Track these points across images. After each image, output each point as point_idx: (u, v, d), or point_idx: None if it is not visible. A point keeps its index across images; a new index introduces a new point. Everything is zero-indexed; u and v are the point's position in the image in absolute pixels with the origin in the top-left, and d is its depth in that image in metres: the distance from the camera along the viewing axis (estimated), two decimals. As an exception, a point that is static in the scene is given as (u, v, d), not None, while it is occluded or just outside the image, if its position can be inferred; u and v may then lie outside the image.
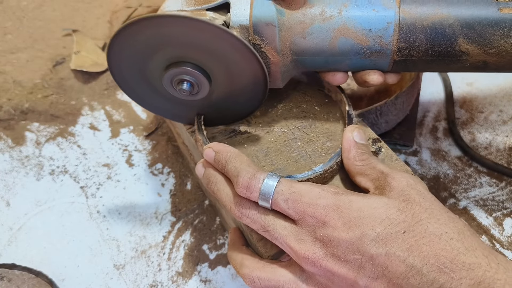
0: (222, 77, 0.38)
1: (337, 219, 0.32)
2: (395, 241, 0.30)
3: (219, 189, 0.36)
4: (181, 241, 0.49)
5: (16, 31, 0.70)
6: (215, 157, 0.36)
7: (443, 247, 0.29)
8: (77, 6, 0.74)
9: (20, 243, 0.49)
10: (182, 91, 0.37)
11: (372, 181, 0.35)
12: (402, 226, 0.30)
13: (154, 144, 0.57)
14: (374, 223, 0.31)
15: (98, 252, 0.49)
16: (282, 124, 0.44)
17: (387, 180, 0.34)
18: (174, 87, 0.38)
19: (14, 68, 0.66)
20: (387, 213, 0.31)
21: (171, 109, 0.42)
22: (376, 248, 0.30)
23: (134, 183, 0.54)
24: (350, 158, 0.37)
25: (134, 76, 0.39)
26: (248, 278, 0.35)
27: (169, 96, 0.40)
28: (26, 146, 0.58)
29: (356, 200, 0.32)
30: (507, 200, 0.51)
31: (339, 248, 0.31)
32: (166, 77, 0.37)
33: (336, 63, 0.39)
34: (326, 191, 0.33)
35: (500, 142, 0.56)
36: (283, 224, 0.34)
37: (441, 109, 0.60)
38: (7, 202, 0.53)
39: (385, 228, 0.30)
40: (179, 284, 0.46)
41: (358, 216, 0.31)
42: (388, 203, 0.32)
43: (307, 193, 0.33)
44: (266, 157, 0.41)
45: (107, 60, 0.37)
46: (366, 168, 0.36)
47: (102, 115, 0.60)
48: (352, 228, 0.31)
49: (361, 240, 0.31)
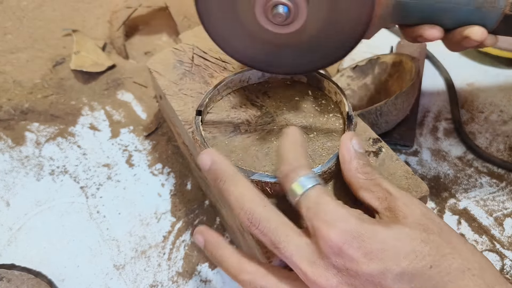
0: (321, 5, 0.35)
1: (356, 248, 0.29)
2: (421, 277, 0.28)
3: (228, 189, 0.33)
4: (181, 241, 0.49)
5: (16, 31, 0.70)
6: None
7: (467, 283, 0.28)
8: (77, 6, 0.74)
9: (20, 243, 0.49)
10: (277, 16, 0.34)
11: (379, 200, 0.33)
12: (428, 260, 0.29)
13: (154, 144, 0.57)
14: (399, 256, 0.28)
15: (98, 252, 0.49)
16: (282, 124, 0.44)
17: (398, 204, 0.32)
18: (268, 14, 0.34)
19: (14, 68, 0.66)
20: (411, 245, 0.29)
21: (255, 51, 0.39)
22: (400, 284, 0.28)
23: (134, 183, 0.54)
24: (351, 170, 0.34)
25: (221, 8, 0.36)
26: (249, 285, 0.32)
27: (256, 31, 0.36)
28: (26, 146, 0.58)
29: (380, 230, 0.29)
30: (508, 200, 0.51)
31: (357, 279, 0.29)
32: (259, 2, 0.34)
33: (441, 11, 0.36)
34: (351, 215, 0.30)
35: (501, 142, 0.56)
36: (297, 242, 0.31)
37: (442, 109, 0.60)
38: (7, 202, 0.53)
39: (410, 263, 0.28)
40: (179, 284, 0.46)
41: (381, 248, 0.29)
42: (410, 234, 0.29)
43: (330, 211, 0.30)
44: (266, 157, 0.41)
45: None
46: (370, 183, 0.33)
47: (102, 115, 0.60)
48: (373, 261, 0.28)
49: (384, 274, 0.28)
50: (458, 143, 0.56)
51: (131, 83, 0.64)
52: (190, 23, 0.67)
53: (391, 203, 0.32)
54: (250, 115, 0.45)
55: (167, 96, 0.47)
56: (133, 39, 0.69)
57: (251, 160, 0.41)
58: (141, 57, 0.67)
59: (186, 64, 0.50)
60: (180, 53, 0.51)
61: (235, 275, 0.33)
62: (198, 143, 0.41)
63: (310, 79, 0.46)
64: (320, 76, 0.45)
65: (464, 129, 0.56)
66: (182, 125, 0.45)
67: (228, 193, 0.33)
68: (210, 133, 0.44)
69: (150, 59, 0.51)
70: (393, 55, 0.57)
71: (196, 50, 0.51)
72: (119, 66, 0.65)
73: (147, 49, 0.68)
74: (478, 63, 0.66)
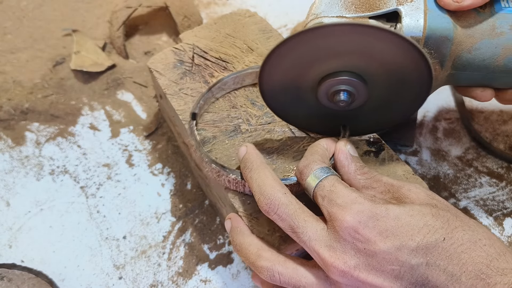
0: (380, 86, 0.37)
1: (371, 227, 0.30)
2: (436, 249, 0.29)
3: (252, 177, 0.35)
4: (181, 241, 0.49)
5: (16, 31, 0.70)
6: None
7: (479, 253, 0.29)
8: (77, 6, 0.74)
9: (20, 243, 0.49)
10: (340, 102, 0.36)
11: (382, 193, 0.34)
12: (440, 233, 0.30)
13: (154, 144, 0.57)
14: (413, 231, 0.30)
15: (98, 252, 0.49)
16: (282, 124, 0.44)
17: (402, 191, 0.33)
18: (330, 98, 0.37)
19: (14, 68, 0.66)
20: (424, 220, 0.30)
21: (317, 123, 0.41)
22: (417, 259, 0.29)
23: (134, 183, 0.54)
24: (351, 172, 0.36)
25: (284, 92, 0.38)
26: (267, 271, 0.33)
27: (317, 109, 0.39)
28: (26, 146, 0.58)
29: (392, 208, 0.31)
30: (507, 200, 0.51)
31: (374, 258, 0.30)
32: (322, 89, 0.36)
33: (493, 79, 0.38)
34: (363, 197, 0.32)
35: (501, 142, 0.56)
36: (314, 227, 0.32)
37: (441, 109, 0.60)
38: (7, 202, 0.53)
39: (424, 237, 0.30)
40: (179, 284, 0.46)
41: (395, 225, 0.30)
42: (421, 210, 0.31)
43: (343, 196, 0.32)
44: (267, 157, 0.41)
45: (259, 75, 0.36)
46: (371, 181, 0.35)
47: (102, 115, 0.60)
48: (389, 238, 0.30)
49: (400, 250, 0.29)
50: (457, 143, 0.56)
51: (131, 83, 0.64)
52: (190, 23, 0.67)
53: (395, 193, 0.33)
54: (251, 115, 0.45)
55: (168, 95, 0.47)
56: (133, 39, 0.69)
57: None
58: (141, 57, 0.67)
59: (187, 64, 0.50)
60: (181, 52, 0.51)
61: (253, 262, 0.34)
62: (193, 149, 0.41)
63: None
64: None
65: (473, 126, 0.56)
66: (183, 125, 0.45)
67: (251, 181, 0.35)
68: (211, 132, 0.44)
69: (151, 58, 0.51)
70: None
71: (196, 50, 0.51)
72: (119, 66, 0.65)
73: (147, 49, 0.68)
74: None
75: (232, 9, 0.71)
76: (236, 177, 0.38)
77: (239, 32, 0.53)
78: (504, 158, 0.54)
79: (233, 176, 0.38)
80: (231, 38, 0.52)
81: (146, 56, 0.67)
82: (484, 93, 0.40)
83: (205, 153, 0.40)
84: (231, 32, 0.53)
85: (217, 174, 0.39)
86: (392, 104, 0.39)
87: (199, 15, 0.70)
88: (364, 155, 0.42)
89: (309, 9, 0.40)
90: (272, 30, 0.53)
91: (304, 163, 0.35)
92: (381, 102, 0.39)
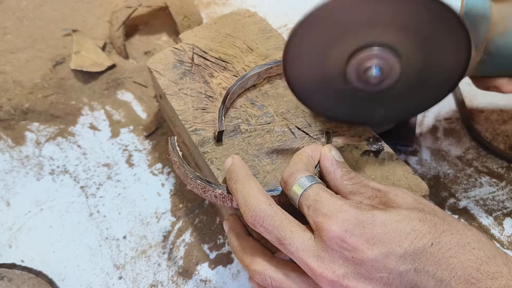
0: (413, 64, 0.35)
1: (358, 235, 0.30)
2: (424, 255, 0.29)
3: (237, 189, 0.35)
4: (181, 241, 0.49)
5: (16, 31, 0.70)
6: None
7: (468, 257, 0.29)
8: (77, 6, 0.74)
9: (20, 243, 0.49)
10: (371, 78, 0.34)
11: (369, 198, 0.34)
12: (428, 238, 0.29)
13: (154, 144, 0.57)
14: (400, 237, 0.29)
15: (98, 252, 0.49)
16: (282, 124, 0.44)
17: (389, 196, 0.33)
18: (360, 76, 0.34)
19: (14, 68, 0.66)
20: (410, 225, 0.30)
21: (344, 108, 0.39)
22: (405, 265, 0.29)
23: (134, 183, 0.54)
24: (337, 178, 0.35)
25: (311, 75, 0.36)
26: (259, 275, 0.33)
27: (345, 92, 0.37)
28: (26, 146, 0.58)
29: (379, 215, 0.30)
30: (507, 200, 0.51)
31: (362, 266, 0.29)
32: (352, 66, 0.34)
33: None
34: (349, 204, 0.31)
35: (501, 142, 0.56)
36: (301, 238, 0.31)
37: (441, 109, 0.60)
38: (7, 202, 0.53)
39: (411, 243, 0.29)
40: (179, 284, 0.46)
41: (382, 231, 0.29)
42: (408, 214, 0.30)
43: (328, 204, 0.31)
44: (266, 157, 0.41)
45: (283, 57, 0.34)
46: (358, 186, 0.34)
47: (102, 115, 0.60)
48: (376, 245, 0.29)
49: (388, 257, 0.29)
50: (457, 143, 0.56)
51: (131, 83, 0.64)
52: (190, 23, 0.67)
53: (382, 198, 0.33)
54: (250, 115, 0.45)
55: (167, 95, 0.47)
56: (133, 39, 0.69)
57: (251, 160, 0.41)
58: (141, 57, 0.67)
59: (186, 64, 0.50)
60: (180, 52, 0.51)
61: (247, 264, 0.34)
62: (177, 165, 0.39)
63: None
64: None
65: (474, 126, 0.56)
66: (182, 125, 0.45)
67: (236, 192, 0.35)
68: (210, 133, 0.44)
69: (150, 58, 0.51)
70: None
71: (196, 50, 0.51)
72: (119, 66, 0.65)
73: (147, 49, 0.68)
74: (478, 63, 0.66)
75: (232, 9, 0.71)
76: (223, 191, 0.37)
77: (239, 32, 0.53)
78: (505, 157, 0.54)
79: (219, 191, 0.37)
80: (231, 38, 0.52)
81: (146, 56, 0.67)
82: (511, 82, 0.38)
83: (189, 169, 0.38)
84: (231, 32, 0.53)
85: (203, 190, 0.38)
86: (423, 87, 0.37)
87: (199, 15, 0.70)
88: (364, 155, 0.42)
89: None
90: (272, 30, 0.53)
91: (288, 173, 0.34)
92: (412, 84, 0.36)
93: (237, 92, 0.46)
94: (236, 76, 0.48)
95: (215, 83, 0.48)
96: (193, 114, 0.45)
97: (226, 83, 0.47)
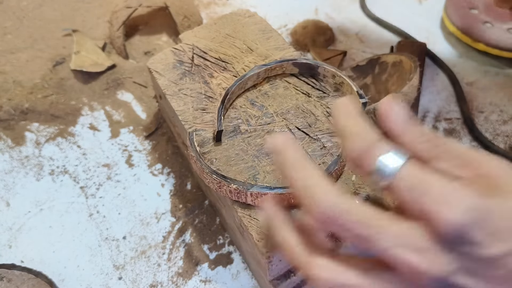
0: None
1: (479, 228, 0.24)
2: None
3: (295, 177, 0.27)
4: (181, 241, 0.49)
5: (16, 31, 0.70)
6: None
7: None
8: (77, 6, 0.74)
9: (20, 243, 0.49)
10: None
11: (457, 167, 0.27)
12: None
13: (154, 144, 0.57)
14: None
15: (98, 252, 0.49)
16: (282, 124, 0.44)
17: (490, 171, 0.26)
18: None
19: (14, 68, 0.66)
20: None
21: None
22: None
23: (134, 183, 0.54)
24: (414, 140, 0.27)
25: None
26: (326, 282, 0.26)
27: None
28: (26, 146, 0.58)
29: (505, 204, 0.25)
30: (508, 200, 0.51)
31: (477, 263, 0.25)
32: None
33: None
34: (468, 189, 0.24)
35: (501, 142, 0.56)
36: (394, 231, 0.25)
37: (441, 109, 0.60)
38: (7, 202, 0.53)
39: None
40: (179, 284, 0.46)
41: (508, 226, 0.25)
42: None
43: (438, 187, 0.25)
44: (266, 157, 0.41)
45: None
46: (439, 151, 0.27)
47: (102, 115, 0.60)
48: (500, 241, 0.25)
49: (510, 255, 0.25)
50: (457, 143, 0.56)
51: (131, 83, 0.64)
52: (190, 23, 0.67)
53: (479, 169, 0.27)
54: (250, 115, 0.45)
55: (167, 96, 0.47)
56: (133, 39, 0.69)
57: (251, 160, 0.41)
58: (141, 57, 0.67)
59: (186, 64, 0.50)
60: (180, 53, 0.51)
61: (305, 270, 0.27)
62: (194, 160, 0.40)
63: (301, 69, 0.46)
64: (314, 64, 0.46)
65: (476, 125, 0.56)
66: (182, 125, 0.45)
67: (294, 182, 0.28)
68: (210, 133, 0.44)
69: (150, 59, 0.51)
70: (393, 55, 0.57)
71: (196, 50, 0.51)
72: (119, 66, 0.65)
73: (147, 49, 0.68)
74: (478, 63, 0.66)
75: (232, 9, 0.71)
76: (238, 186, 0.37)
77: (239, 32, 0.53)
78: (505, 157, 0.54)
79: (234, 186, 0.37)
80: (231, 38, 0.52)
81: (146, 56, 0.67)
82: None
83: (206, 164, 0.39)
84: (231, 32, 0.53)
85: (218, 184, 0.38)
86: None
87: (199, 15, 0.70)
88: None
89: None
90: (272, 30, 0.53)
91: (365, 143, 0.26)
92: None
93: (236, 92, 0.46)
94: (236, 77, 0.48)
95: (215, 84, 0.48)
96: (193, 115, 0.45)
97: (226, 83, 0.47)
